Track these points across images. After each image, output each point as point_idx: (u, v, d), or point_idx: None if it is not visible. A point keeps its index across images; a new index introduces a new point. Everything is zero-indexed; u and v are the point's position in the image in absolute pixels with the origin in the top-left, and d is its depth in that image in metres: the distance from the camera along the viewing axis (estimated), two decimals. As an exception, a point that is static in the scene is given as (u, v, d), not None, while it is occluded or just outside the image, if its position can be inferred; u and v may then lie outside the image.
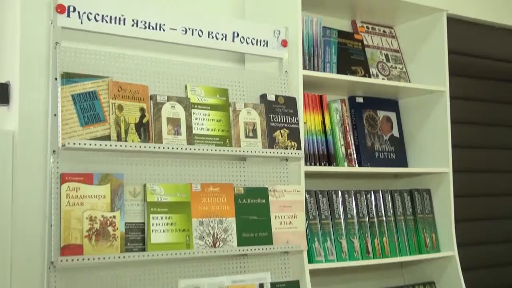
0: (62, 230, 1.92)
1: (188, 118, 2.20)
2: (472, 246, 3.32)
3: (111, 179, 2.02)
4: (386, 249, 2.64)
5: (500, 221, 3.60)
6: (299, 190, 2.39)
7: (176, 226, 2.10)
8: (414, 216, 2.79)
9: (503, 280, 3.52)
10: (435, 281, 2.82)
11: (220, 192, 2.23)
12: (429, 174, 2.89)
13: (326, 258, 2.45)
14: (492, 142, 3.62)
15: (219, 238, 2.18)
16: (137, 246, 2.04)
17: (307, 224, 2.42)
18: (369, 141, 2.80)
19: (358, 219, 2.59)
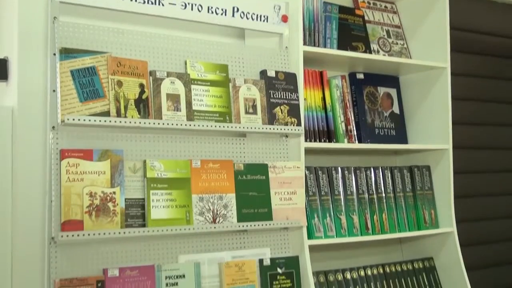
0: (62, 206, 1.92)
1: (188, 94, 2.19)
2: (471, 223, 3.33)
3: (111, 155, 2.02)
4: (385, 225, 2.65)
5: (499, 197, 3.61)
6: (299, 166, 2.39)
7: (176, 202, 2.11)
8: (413, 193, 2.80)
9: (501, 256, 3.54)
10: (433, 257, 2.84)
11: (220, 168, 2.23)
12: (429, 151, 2.89)
13: (325, 234, 2.46)
14: (492, 118, 3.61)
15: (219, 214, 2.19)
16: (137, 222, 2.05)
17: (306, 200, 2.43)
18: (369, 117, 2.79)
19: (357, 195, 2.60)
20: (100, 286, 1.94)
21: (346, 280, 2.48)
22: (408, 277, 2.69)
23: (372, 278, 2.56)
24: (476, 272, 3.10)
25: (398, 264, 2.68)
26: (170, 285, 2.07)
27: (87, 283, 1.92)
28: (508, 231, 3.62)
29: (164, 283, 2.06)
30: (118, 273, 1.98)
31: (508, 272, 3.54)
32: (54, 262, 1.94)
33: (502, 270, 3.52)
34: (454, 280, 2.76)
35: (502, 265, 3.53)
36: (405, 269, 2.70)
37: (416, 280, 2.71)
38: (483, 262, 3.40)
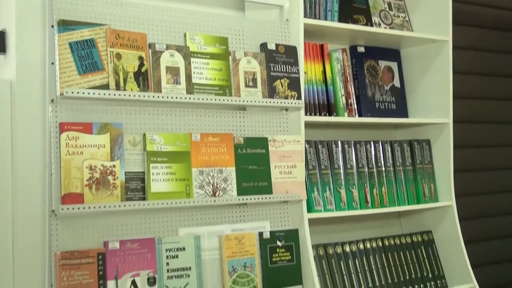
0: (62, 179, 1.92)
1: (188, 67, 2.18)
2: (470, 196, 3.34)
3: (110, 129, 2.02)
4: (385, 199, 2.66)
5: (499, 171, 3.62)
6: (299, 140, 2.39)
7: (176, 175, 2.11)
8: (413, 167, 2.80)
9: (500, 230, 3.56)
10: (432, 230, 2.86)
11: (219, 141, 2.23)
12: (430, 125, 2.89)
13: (325, 208, 2.47)
14: (493, 93, 3.60)
15: (219, 187, 2.19)
16: (137, 195, 2.05)
17: (306, 174, 2.43)
18: (369, 91, 2.78)
19: (357, 169, 2.60)
20: (101, 258, 1.96)
21: (345, 253, 2.50)
22: (407, 250, 2.71)
23: (371, 251, 2.58)
24: (475, 246, 3.12)
25: (397, 237, 2.70)
26: (171, 258, 2.08)
27: (88, 255, 1.94)
28: (507, 205, 3.63)
29: (165, 255, 2.07)
30: (118, 245, 2.00)
31: (507, 246, 3.57)
32: (55, 235, 1.96)
33: (500, 243, 3.55)
34: (452, 253, 2.78)
35: (501, 239, 3.56)
36: (404, 242, 2.72)
37: (414, 253, 2.73)
38: (481, 235, 3.42)
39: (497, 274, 3.46)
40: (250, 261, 2.23)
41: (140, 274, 2.01)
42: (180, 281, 2.08)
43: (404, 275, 2.63)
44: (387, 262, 2.61)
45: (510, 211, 3.64)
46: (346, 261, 2.49)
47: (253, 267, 2.23)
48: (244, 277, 2.20)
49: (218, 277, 2.18)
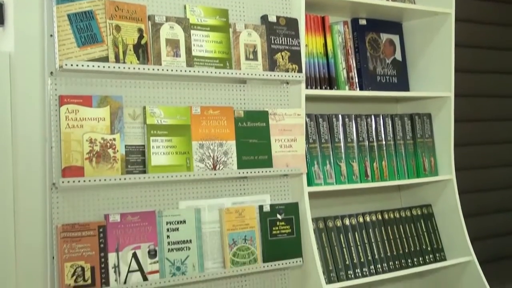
0: (63, 152, 1.92)
1: (187, 39, 2.16)
2: (470, 170, 3.35)
3: (110, 102, 2.01)
4: (385, 173, 2.66)
5: (499, 145, 3.62)
6: (299, 113, 2.38)
7: (176, 148, 2.11)
8: (413, 140, 2.80)
9: (499, 203, 3.58)
10: (431, 204, 2.87)
11: (220, 115, 2.22)
12: (431, 98, 2.87)
13: (325, 181, 2.47)
14: (496, 66, 3.58)
15: (219, 160, 2.19)
16: (138, 168, 2.06)
17: (307, 147, 2.43)
18: (371, 64, 2.76)
19: (358, 143, 2.60)
20: (102, 231, 1.97)
21: (345, 226, 2.51)
22: (406, 224, 2.72)
23: (370, 224, 2.59)
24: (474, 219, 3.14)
25: (396, 211, 2.71)
26: (171, 231, 2.09)
27: (89, 228, 1.95)
28: (507, 179, 3.64)
29: (165, 228, 2.08)
30: (119, 218, 2.00)
31: (505, 219, 3.59)
32: (56, 207, 1.96)
33: (499, 217, 3.57)
34: (451, 226, 2.80)
35: (500, 213, 3.58)
36: (403, 215, 2.73)
37: (414, 227, 2.74)
38: (481, 209, 3.44)
39: (496, 247, 3.49)
40: (250, 234, 2.24)
41: (141, 247, 2.02)
42: (180, 254, 2.09)
43: (404, 248, 2.65)
44: (387, 236, 2.63)
45: (510, 185, 3.65)
46: (345, 234, 2.50)
47: (253, 240, 2.24)
48: (244, 249, 2.22)
49: (218, 250, 2.20)
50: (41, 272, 2.07)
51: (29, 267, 2.07)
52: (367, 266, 2.50)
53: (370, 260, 2.52)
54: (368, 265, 2.50)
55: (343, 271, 2.42)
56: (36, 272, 2.07)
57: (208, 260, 2.17)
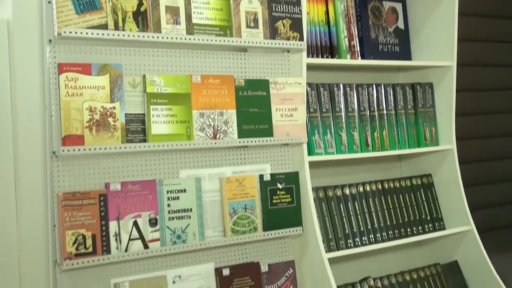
0: (62, 121, 1.92)
1: (187, 6, 2.13)
2: (471, 140, 3.35)
3: (110, 70, 1.99)
4: (386, 142, 2.66)
5: (501, 115, 3.61)
6: (300, 82, 2.37)
7: (176, 117, 2.10)
8: (415, 110, 2.79)
9: (499, 173, 3.58)
10: (432, 174, 2.87)
11: (220, 84, 2.20)
12: (433, 68, 2.85)
13: (325, 151, 2.47)
14: (499, 35, 3.54)
15: (219, 130, 2.19)
16: (138, 137, 2.05)
17: (307, 117, 2.42)
18: (373, 33, 2.73)
19: (359, 112, 2.59)
20: (103, 199, 1.97)
21: (345, 195, 2.51)
22: (406, 193, 2.73)
23: (370, 194, 2.60)
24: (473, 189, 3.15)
25: (396, 180, 2.71)
26: (172, 199, 2.10)
27: (89, 196, 1.95)
28: (508, 149, 3.64)
29: (166, 197, 2.09)
30: (120, 187, 2.01)
31: (504, 189, 3.60)
32: (57, 176, 1.96)
33: (499, 187, 3.58)
34: (451, 196, 2.81)
35: (499, 182, 3.59)
36: (403, 185, 2.73)
37: (414, 196, 2.75)
38: (480, 179, 3.44)
39: (494, 217, 3.51)
40: (251, 203, 2.25)
41: (142, 215, 2.03)
42: (181, 222, 2.10)
43: (403, 217, 2.66)
44: (386, 205, 2.64)
45: (510, 155, 3.65)
46: (345, 203, 2.51)
47: (254, 209, 2.25)
48: (244, 218, 2.23)
49: (219, 219, 2.21)
50: (43, 240, 2.08)
51: (31, 235, 2.09)
52: (366, 235, 2.51)
53: (369, 229, 2.53)
54: (368, 234, 2.52)
55: (343, 240, 2.44)
56: (38, 240, 2.08)
57: (209, 228, 2.18)
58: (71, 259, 1.88)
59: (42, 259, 2.15)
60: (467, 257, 2.79)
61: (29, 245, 2.10)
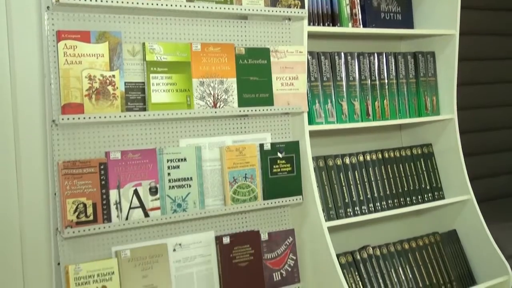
0: (62, 89, 1.90)
1: (187, -27, 2.10)
2: (471, 110, 3.34)
3: (109, 37, 1.97)
4: (386, 112, 2.65)
5: (502, 85, 3.59)
6: (301, 51, 2.35)
7: (176, 86, 2.09)
8: (416, 79, 2.77)
9: (498, 143, 3.58)
10: (432, 143, 2.87)
11: (220, 52, 2.18)
12: (435, 36, 2.82)
13: (326, 120, 2.46)
14: (503, 3, 3.50)
15: (219, 98, 2.18)
16: (138, 106, 2.04)
17: (308, 86, 2.40)
18: (375, 0, 2.69)
19: (360, 81, 2.57)
20: (103, 168, 1.97)
21: (345, 165, 2.52)
22: (406, 163, 2.73)
23: (370, 163, 2.60)
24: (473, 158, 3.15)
25: (397, 150, 2.71)
26: (172, 168, 2.10)
27: (89, 165, 1.95)
28: (508, 119, 3.63)
29: (166, 166, 2.09)
30: (120, 156, 2.01)
31: (504, 158, 3.60)
32: (57, 144, 1.96)
33: (498, 156, 3.58)
34: (451, 165, 2.81)
35: (499, 152, 3.59)
36: (403, 155, 2.73)
37: (414, 166, 2.75)
38: (480, 148, 3.45)
39: (494, 186, 3.52)
40: (251, 172, 2.25)
41: (142, 184, 2.04)
42: (181, 191, 2.11)
43: (403, 187, 2.67)
44: (386, 174, 2.64)
45: (510, 125, 3.64)
46: (345, 172, 2.51)
47: (254, 178, 2.25)
48: (244, 187, 2.23)
49: (219, 187, 2.21)
50: (44, 208, 2.09)
51: (32, 204, 2.09)
52: (366, 204, 2.52)
53: (369, 198, 2.54)
54: (367, 203, 2.53)
55: (342, 209, 2.45)
56: (39, 208, 2.09)
57: (209, 197, 2.19)
58: (72, 227, 1.89)
59: (43, 227, 2.17)
60: (465, 226, 2.80)
61: (31, 213, 2.11)
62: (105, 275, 1.97)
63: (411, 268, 2.58)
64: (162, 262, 2.09)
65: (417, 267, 2.60)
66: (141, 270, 2.04)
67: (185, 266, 2.15)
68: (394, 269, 2.54)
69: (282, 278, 2.34)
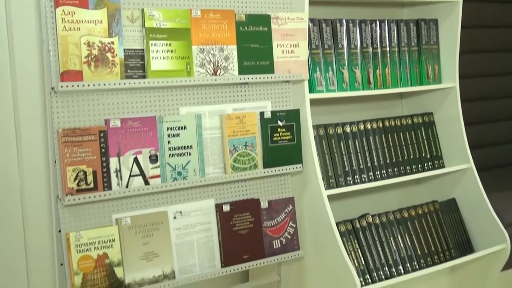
0: (60, 56, 1.88)
1: None
2: (473, 78, 3.31)
3: (107, 3, 1.94)
4: (388, 80, 2.63)
5: (506, 53, 3.55)
6: (302, 17, 2.32)
7: (176, 53, 2.07)
8: (418, 47, 2.74)
9: (499, 112, 3.57)
10: (433, 112, 2.86)
11: (221, 18, 2.16)
12: (438, 3, 2.78)
13: (327, 88, 2.45)
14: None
15: (220, 66, 2.16)
16: (137, 73, 2.02)
17: (309, 53, 2.38)
18: (378, -34, 2.65)
19: (361, 49, 2.55)
20: (103, 136, 1.97)
21: (345, 133, 2.51)
22: (407, 131, 2.72)
23: (371, 132, 2.59)
24: (474, 127, 3.14)
25: (397, 118, 2.70)
26: (172, 136, 2.09)
27: (89, 133, 1.94)
28: (510, 88, 3.61)
29: (166, 134, 2.08)
30: (119, 123, 2.00)
31: (505, 128, 3.59)
32: (56, 112, 1.95)
33: (499, 125, 3.57)
34: (452, 134, 2.80)
35: (500, 121, 3.58)
36: (404, 123, 2.72)
37: (414, 134, 2.75)
38: (481, 117, 3.43)
39: (493, 155, 3.52)
40: (251, 140, 2.24)
41: (142, 152, 2.03)
42: (181, 159, 2.11)
43: (403, 156, 2.67)
44: (387, 143, 2.64)
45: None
46: (346, 141, 2.51)
47: (254, 146, 2.25)
48: (244, 155, 2.23)
49: (219, 156, 2.21)
50: (45, 176, 2.09)
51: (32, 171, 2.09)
52: (366, 172, 2.52)
53: (369, 167, 2.54)
54: (367, 172, 2.53)
55: (342, 177, 2.45)
56: (39, 176, 2.09)
57: (209, 165, 2.19)
58: (72, 195, 1.90)
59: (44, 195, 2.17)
60: (465, 194, 2.81)
61: (31, 181, 2.12)
62: (106, 242, 1.98)
63: (410, 236, 2.60)
64: (163, 229, 2.10)
65: (416, 235, 2.62)
66: (142, 237, 2.05)
67: (186, 234, 2.16)
68: (393, 237, 2.55)
69: (282, 245, 2.35)
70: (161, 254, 2.09)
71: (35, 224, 2.20)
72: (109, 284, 1.97)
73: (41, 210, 2.19)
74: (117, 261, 1.99)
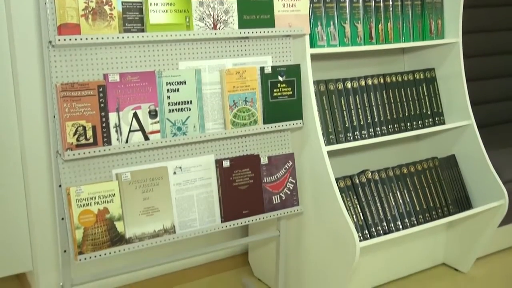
0: (57, 8, 1.85)
1: None
2: (477, 33, 3.27)
3: (104, -46, 1.89)
4: (390, 35, 2.59)
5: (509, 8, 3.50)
6: (304, -30, 2.27)
7: (175, 6, 2.03)
8: (421, 1, 2.69)
9: (502, 67, 3.54)
10: (435, 68, 2.83)
11: (220, -29, 2.11)
12: (443, -44, 2.73)
13: (328, 43, 2.42)
14: None
15: (219, 19, 2.12)
16: (136, 27, 1.99)
17: (310, 7, 2.34)
18: None
19: (363, 3, 2.50)
20: (101, 91, 1.95)
21: (346, 89, 2.49)
22: (408, 87, 2.70)
23: (372, 88, 2.57)
24: (475, 83, 3.12)
25: (399, 74, 2.68)
26: (171, 91, 2.08)
27: (88, 87, 1.92)
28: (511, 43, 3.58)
29: (165, 89, 2.07)
30: (118, 78, 1.98)
31: (506, 85, 3.57)
32: (54, 66, 1.92)
33: (501, 81, 3.55)
34: (453, 90, 2.79)
35: (502, 77, 3.55)
36: (405, 79, 2.70)
37: (415, 90, 2.73)
38: (483, 74, 3.41)
39: (494, 112, 3.51)
40: (251, 96, 2.23)
41: (142, 107, 2.02)
42: (181, 114, 2.10)
43: (403, 112, 2.66)
44: (388, 99, 2.62)
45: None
46: (346, 97, 2.49)
47: (254, 101, 2.24)
48: (244, 111, 2.22)
49: (219, 111, 2.20)
50: (44, 131, 2.09)
51: (31, 126, 2.09)
52: (366, 129, 2.52)
53: (369, 123, 2.53)
54: (367, 128, 2.52)
55: (342, 133, 2.45)
56: (39, 131, 2.09)
57: (209, 121, 2.18)
58: (72, 150, 1.90)
59: (44, 150, 2.17)
60: (464, 151, 2.81)
61: (31, 136, 2.11)
62: (106, 197, 1.99)
63: (409, 192, 2.61)
64: (163, 184, 2.11)
65: (414, 191, 2.63)
66: (142, 192, 2.06)
67: (186, 189, 2.17)
68: (392, 193, 2.57)
69: (282, 201, 2.37)
70: (161, 209, 2.10)
71: (35, 179, 2.21)
72: (110, 238, 1.99)
73: (41, 165, 2.20)
74: (117, 216, 2.01)
